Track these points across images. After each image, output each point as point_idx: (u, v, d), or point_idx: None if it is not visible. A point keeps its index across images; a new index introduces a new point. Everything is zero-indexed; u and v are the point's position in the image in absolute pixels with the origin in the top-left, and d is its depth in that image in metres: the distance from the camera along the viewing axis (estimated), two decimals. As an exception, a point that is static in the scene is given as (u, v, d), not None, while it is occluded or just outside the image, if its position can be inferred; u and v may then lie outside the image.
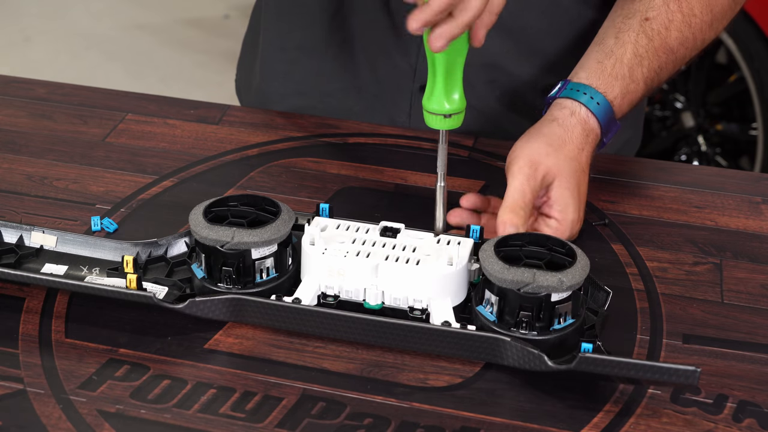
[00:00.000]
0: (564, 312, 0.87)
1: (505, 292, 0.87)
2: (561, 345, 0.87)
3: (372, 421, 0.83)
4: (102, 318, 0.92)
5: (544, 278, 0.85)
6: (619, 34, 1.04)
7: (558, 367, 0.83)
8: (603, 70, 1.02)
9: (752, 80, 2.34)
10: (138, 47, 3.51)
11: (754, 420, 0.84)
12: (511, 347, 0.86)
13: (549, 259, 0.89)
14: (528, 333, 0.87)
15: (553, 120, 0.99)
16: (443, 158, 0.95)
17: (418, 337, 0.88)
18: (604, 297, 0.93)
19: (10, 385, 0.85)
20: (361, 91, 1.25)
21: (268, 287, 0.92)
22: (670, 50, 1.05)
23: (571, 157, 0.98)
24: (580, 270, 0.87)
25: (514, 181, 0.95)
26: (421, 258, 0.91)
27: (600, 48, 1.04)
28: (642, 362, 0.81)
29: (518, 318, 0.87)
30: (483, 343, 0.87)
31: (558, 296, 0.86)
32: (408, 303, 0.90)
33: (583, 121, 0.99)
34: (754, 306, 0.96)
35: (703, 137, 2.51)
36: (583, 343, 0.84)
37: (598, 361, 0.81)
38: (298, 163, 1.15)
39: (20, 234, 0.97)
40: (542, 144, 0.97)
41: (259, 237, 0.90)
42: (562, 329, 0.87)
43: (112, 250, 0.97)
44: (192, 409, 0.83)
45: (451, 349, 0.88)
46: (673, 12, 1.05)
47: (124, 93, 1.28)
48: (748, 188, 1.13)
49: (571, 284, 0.86)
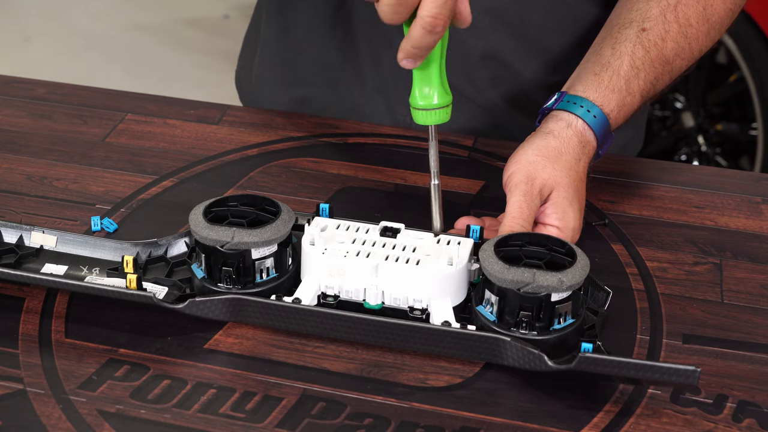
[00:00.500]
0: (564, 312, 0.87)
1: (505, 292, 0.87)
2: (561, 345, 0.87)
3: (372, 421, 0.83)
4: (102, 318, 0.92)
5: (544, 278, 0.85)
6: (616, 45, 1.04)
7: (558, 367, 0.83)
8: (600, 83, 1.01)
9: (752, 80, 2.34)
10: (138, 47, 3.51)
11: (754, 420, 0.84)
12: (511, 347, 0.86)
13: (549, 259, 0.89)
14: (528, 333, 0.87)
15: (549, 132, 0.99)
16: (435, 155, 0.94)
17: (418, 337, 0.88)
18: (604, 297, 0.92)
19: (10, 385, 0.85)
20: (365, 85, 1.25)
21: (268, 287, 0.92)
22: (666, 61, 1.04)
23: (568, 167, 0.97)
24: (580, 270, 0.87)
25: (512, 199, 0.94)
26: (421, 258, 0.91)
27: (597, 59, 1.04)
28: (642, 362, 0.81)
29: (518, 318, 0.87)
30: (483, 343, 0.87)
31: (558, 296, 0.86)
32: (408, 303, 0.90)
33: (580, 134, 0.99)
34: (754, 306, 0.96)
35: (703, 137, 2.51)
36: (583, 343, 0.84)
37: (598, 361, 0.81)
38: (298, 163, 1.15)
39: (20, 234, 0.98)
40: (538, 157, 0.96)
41: (259, 237, 0.90)
42: (562, 329, 0.87)
43: (112, 250, 0.97)
44: (192, 409, 0.83)
45: (451, 349, 0.88)
46: (669, 22, 1.05)
47: (124, 93, 1.28)
48: (748, 188, 1.13)
49: (571, 284, 0.86)
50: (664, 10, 1.05)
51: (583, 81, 1.02)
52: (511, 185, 0.95)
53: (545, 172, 0.96)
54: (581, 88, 1.01)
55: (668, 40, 1.04)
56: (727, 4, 1.07)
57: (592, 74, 1.02)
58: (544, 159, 0.96)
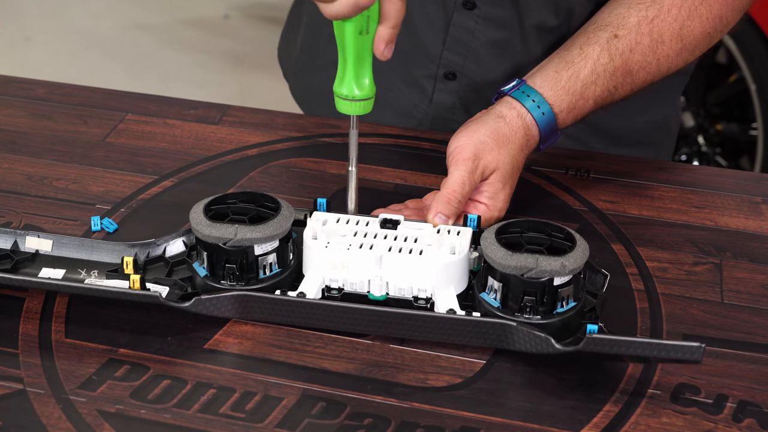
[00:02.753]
0: (566, 295, 0.89)
1: (509, 278, 0.88)
2: (565, 328, 0.89)
3: (372, 421, 0.83)
4: (102, 318, 0.92)
5: (547, 263, 0.87)
6: (585, 46, 1.05)
7: (566, 349, 0.84)
8: (557, 82, 1.03)
9: (752, 80, 2.34)
10: (138, 47, 3.51)
11: (754, 420, 0.84)
12: (517, 332, 0.86)
13: (549, 244, 0.91)
14: (532, 317, 0.88)
15: (501, 117, 1.02)
16: (354, 144, 0.97)
17: (425, 326, 0.88)
18: (602, 280, 0.94)
19: (10, 385, 0.85)
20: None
21: (271, 283, 0.92)
22: (629, 72, 1.05)
23: (511, 154, 1.01)
24: (581, 253, 0.88)
25: (456, 172, 0.98)
26: (424, 248, 0.91)
27: (563, 55, 1.05)
28: (648, 340, 0.82)
29: (522, 303, 0.88)
30: (489, 329, 0.87)
31: (560, 280, 0.88)
32: (412, 293, 0.91)
33: (527, 127, 1.02)
34: (754, 306, 0.96)
35: (703, 137, 2.51)
36: (589, 324, 0.86)
37: (605, 342, 0.83)
38: (298, 163, 1.15)
39: (14, 239, 0.97)
40: (489, 139, 1.00)
41: (262, 233, 0.90)
42: (565, 312, 0.89)
43: (109, 251, 0.96)
44: (192, 409, 0.83)
45: (458, 336, 0.88)
46: (642, 35, 1.05)
47: (124, 93, 1.28)
48: (748, 188, 1.13)
49: (573, 268, 0.87)
50: (640, 21, 1.05)
51: (543, 75, 1.04)
52: (459, 159, 0.98)
53: (491, 154, 0.99)
54: (539, 82, 1.04)
55: (636, 52, 1.05)
56: (706, 27, 1.06)
57: (554, 71, 1.04)
58: (493, 142, 1.00)
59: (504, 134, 1.01)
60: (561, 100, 1.03)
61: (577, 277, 0.89)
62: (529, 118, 1.02)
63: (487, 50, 1.19)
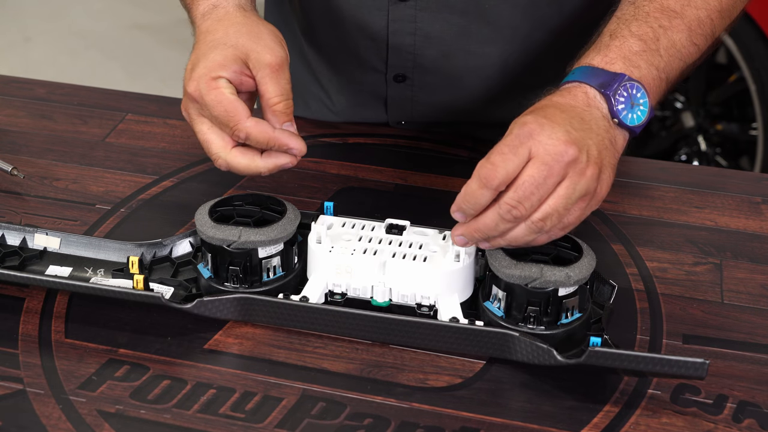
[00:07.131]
0: (571, 306, 0.88)
1: (513, 287, 0.87)
2: (569, 339, 0.88)
3: (372, 422, 0.83)
4: (102, 318, 0.92)
5: (552, 273, 0.86)
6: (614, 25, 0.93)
7: (567, 362, 0.83)
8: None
9: (752, 80, 2.34)
10: (138, 47, 3.51)
11: (754, 420, 0.84)
12: (519, 342, 0.86)
13: (555, 254, 0.89)
14: (536, 328, 0.87)
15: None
16: None
17: (427, 334, 0.88)
18: (610, 291, 0.93)
19: (10, 385, 0.85)
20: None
21: (274, 286, 0.92)
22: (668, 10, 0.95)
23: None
24: (587, 264, 0.87)
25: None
26: (428, 254, 0.91)
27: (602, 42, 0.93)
28: (651, 355, 0.82)
29: (526, 313, 0.87)
30: (492, 339, 0.87)
31: (565, 291, 0.87)
32: (415, 300, 0.91)
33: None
34: (754, 306, 0.96)
35: (703, 137, 2.51)
36: (592, 337, 0.84)
37: (607, 355, 0.82)
38: (298, 163, 1.15)
39: (23, 236, 0.97)
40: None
41: (266, 236, 0.90)
42: (570, 323, 0.88)
43: (116, 251, 0.96)
44: (192, 410, 0.83)
45: (460, 345, 0.88)
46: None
47: (124, 93, 1.28)
48: (748, 188, 1.13)
49: (579, 279, 0.86)
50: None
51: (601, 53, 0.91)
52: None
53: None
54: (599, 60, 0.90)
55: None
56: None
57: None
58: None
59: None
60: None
61: (583, 288, 0.88)
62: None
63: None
